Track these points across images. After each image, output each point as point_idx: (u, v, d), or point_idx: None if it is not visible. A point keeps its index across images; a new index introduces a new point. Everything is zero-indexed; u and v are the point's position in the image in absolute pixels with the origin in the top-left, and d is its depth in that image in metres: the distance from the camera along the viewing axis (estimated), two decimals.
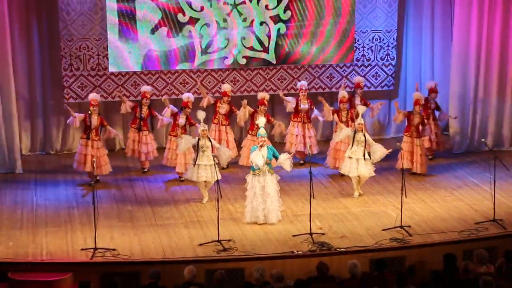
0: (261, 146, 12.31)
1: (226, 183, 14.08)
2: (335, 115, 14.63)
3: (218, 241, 11.59)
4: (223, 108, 14.84)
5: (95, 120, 13.95)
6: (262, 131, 12.54)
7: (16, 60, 15.23)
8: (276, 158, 12.48)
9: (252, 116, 14.59)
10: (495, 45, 15.78)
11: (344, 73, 16.57)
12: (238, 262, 11.11)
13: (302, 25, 15.98)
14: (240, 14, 15.74)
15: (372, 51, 16.62)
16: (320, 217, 12.62)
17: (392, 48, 16.67)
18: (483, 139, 14.71)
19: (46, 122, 15.94)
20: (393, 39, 16.62)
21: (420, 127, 14.48)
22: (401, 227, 12.07)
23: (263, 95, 14.77)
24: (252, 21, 15.80)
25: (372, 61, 16.67)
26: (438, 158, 15.51)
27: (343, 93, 14.78)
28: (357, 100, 15.18)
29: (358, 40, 16.49)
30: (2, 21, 14.43)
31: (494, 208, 12.44)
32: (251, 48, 15.94)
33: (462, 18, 15.65)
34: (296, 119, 15.05)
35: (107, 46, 15.50)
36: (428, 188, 14.03)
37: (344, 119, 14.58)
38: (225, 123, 14.87)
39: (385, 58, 16.70)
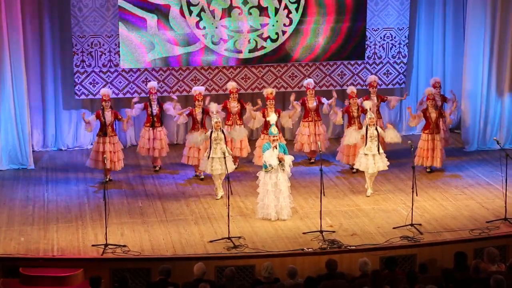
0: (274, 147, 12.30)
1: (236, 180, 14.08)
2: (341, 114, 14.63)
3: (229, 238, 11.60)
4: (234, 107, 14.74)
5: (109, 116, 13.95)
6: (274, 130, 12.53)
7: (28, 56, 15.29)
8: (285, 152, 12.51)
9: (264, 116, 14.50)
10: (507, 43, 15.71)
11: (356, 70, 16.55)
12: (248, 259, 11.11)
13: (305, 21, 16.01)
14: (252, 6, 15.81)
15: (383, 49, 16.58)
16: (330, 215, 12.62)
17: (404, 46, 16.62)
18: (495, 138, 14.68)
19: (57, 118, 15.99)
20: (405, 37, 16.57)
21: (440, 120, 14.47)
22: (411, 225, 12.05)
23: (269, 91, 14.63)
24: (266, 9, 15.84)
25: (384, 58, 16.64)
26: (449, 157, 15.47)
27: (351, 88, 14.74)
28: (374, 99, 15.08)
29: (369, 38, 16.45)
30: (15, 17, 14.49)
31: (505, 206, 12.40)
32: (263, 39, 15.96)
33: (475, 16, 15.59)
34: (306, 119, 14.98)
35: (118, 43, 15.54)
36: (439, 186, 13.99)
37: (355, 114, 14.54)
38: (239, 123, 14.78)
39: (397, 56, 16.65)
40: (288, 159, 12.38)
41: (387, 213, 12.74)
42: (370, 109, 13.61)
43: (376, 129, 13.40)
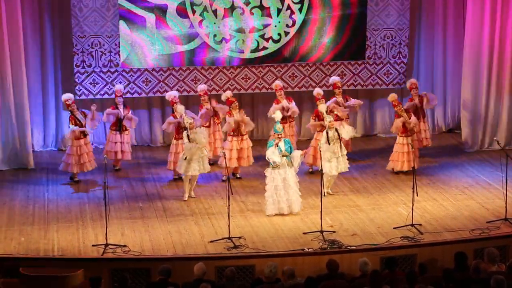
0: (277, 145, 12.36)
1: (237, 180, 14.08)
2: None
3: (229, 238, 11.60)
4: (209, 110, 14.47)
5: (82, 117, 13.93)
6: (279, 128, 12.60)
7: (29, 56, 15.29)
8: (291, 150, 12.61)
9: (225, 118, 14.20)
10: (508, 44, 15.69)
11: (356, 71, 16.54)
12: (249, 259, 11.11)
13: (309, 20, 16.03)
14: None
15: (384, 49, 16.58)
16: (330, 215, 12.62)
17: (404, 46, 16.62)
18: (495, 138, 14.68)
19: (58, 118, 16.00)
20: (405, 37, 16.57)
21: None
22: (412, 225, 12.05)
23: (228, 94, 14.32)
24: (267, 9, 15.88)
25: (384, 59, 16.64)
26: (450, 157, 15.48)
27: (317, 91, 14.67)
28: (339, 100, 14.98)
29: (370, 38, 16.45)
30: (15, 18, 14.49)
31: (506, 207, 12.39)
32: (266, 40, 15.97)
33: (474, 16, 15.59)
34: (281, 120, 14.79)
35: (119, 43, 15.55)
36: (439, 186, 13.99)
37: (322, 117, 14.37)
38: (217, 122, 14.67)
39: (397, 56, 16.65)
40: (296, 153, 12.49)
41: (388, 213, 12.73)
42: (326, 112, 13.58)
43: (336, 130, 13.34)
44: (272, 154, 12.36)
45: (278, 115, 12.98)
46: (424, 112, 15.31)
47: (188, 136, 13.11)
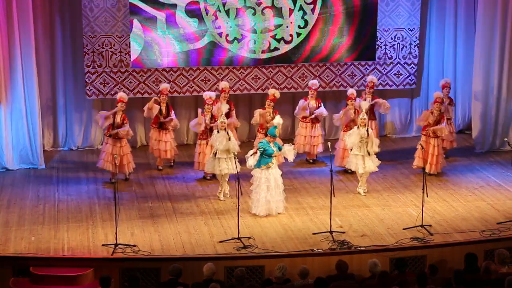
0: (254, 153, 12.49)
1: (246, 180, 14.08)
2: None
3: (238, 238, 11.61)
4: (224, 106, 14.61)
5: (119, 118, 13.96)
6: (277, 132, 12.70)
7: (39, 56, 15.33)
8: (280, 150, 12.71)
9: (264, 116, 14.34)
10: None
11: (366, 71, 16.52)
12: (258, 259, 11.12)
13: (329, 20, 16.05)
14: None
15: (394, 50, 16.55)
16: (340, 215, 12.61)
17: (415, 46, 16.59)
18: (505, 139, 14.63)
19: (68, 118, 16.04)
20: (416, 38, 16.54)
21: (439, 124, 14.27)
22: (422, 226, 12.03)
23: (273, 92, 14.49)
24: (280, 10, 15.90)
25: (394, 59, 16.60)
26: (460, 158, 15.44)
27: (351, 91, 14.70)
28: (368, 100, 15.01)
29: (380, 38, 16.43)
30: (26, 18, 14.55)
31: None
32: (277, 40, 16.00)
33: (486, 17, 15.55)
34: (304, 119, 14.93)
35: (129, 43, 15.58)
36: (449, 187, 13.96)
37: (352, 116, 14.41)
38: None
39: (408, 57, 16.62)
40: (287, 147, 12.63)
41: (397, 214, 12.72)
42: (365, 110, 13.59)
43: (367, 130, 13.33)
44: (249, 156, 12.40)
45: (278, 120, 13.05)
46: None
47: (218, 130, 13.20)
